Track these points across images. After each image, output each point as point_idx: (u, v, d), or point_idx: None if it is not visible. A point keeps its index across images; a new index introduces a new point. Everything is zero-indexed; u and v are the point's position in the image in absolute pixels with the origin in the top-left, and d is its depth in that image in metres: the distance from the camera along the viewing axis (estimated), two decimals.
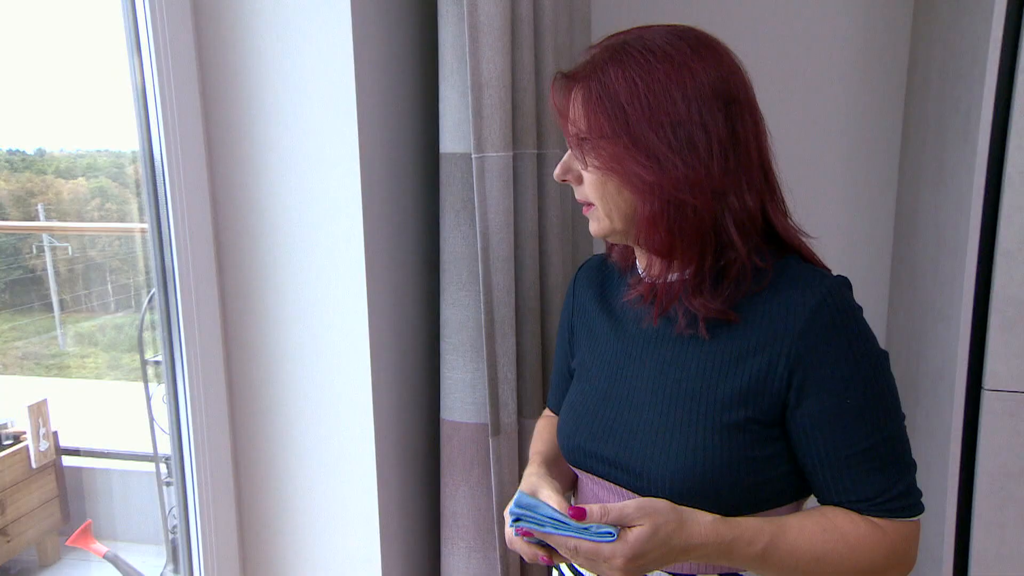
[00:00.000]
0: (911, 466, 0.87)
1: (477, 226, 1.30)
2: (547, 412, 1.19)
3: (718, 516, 0.83)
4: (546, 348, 1.48)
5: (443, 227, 1.35)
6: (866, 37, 1.75)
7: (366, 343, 1.28)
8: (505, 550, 1.40)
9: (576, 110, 0.87)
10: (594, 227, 0.93)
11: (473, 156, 1.27)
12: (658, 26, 0.88)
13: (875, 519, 0.85)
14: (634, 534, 0.77)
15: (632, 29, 0.89)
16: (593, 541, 0.76)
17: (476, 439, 1.37)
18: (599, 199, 0.89)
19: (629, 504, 0.79)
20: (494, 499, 1.37)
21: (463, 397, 1.37)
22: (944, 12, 1.49)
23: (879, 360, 0.85)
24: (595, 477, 0.95)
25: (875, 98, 1.77)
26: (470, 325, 1.34)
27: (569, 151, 0.91)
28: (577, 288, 1.08)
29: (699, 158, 0.83)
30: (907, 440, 0.87)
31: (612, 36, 0.89)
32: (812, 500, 0.92)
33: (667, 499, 0.84)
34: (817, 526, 0.84)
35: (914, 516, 0.86)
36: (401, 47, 1.37)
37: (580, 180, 0.91)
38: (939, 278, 1.46)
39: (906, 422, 0.89)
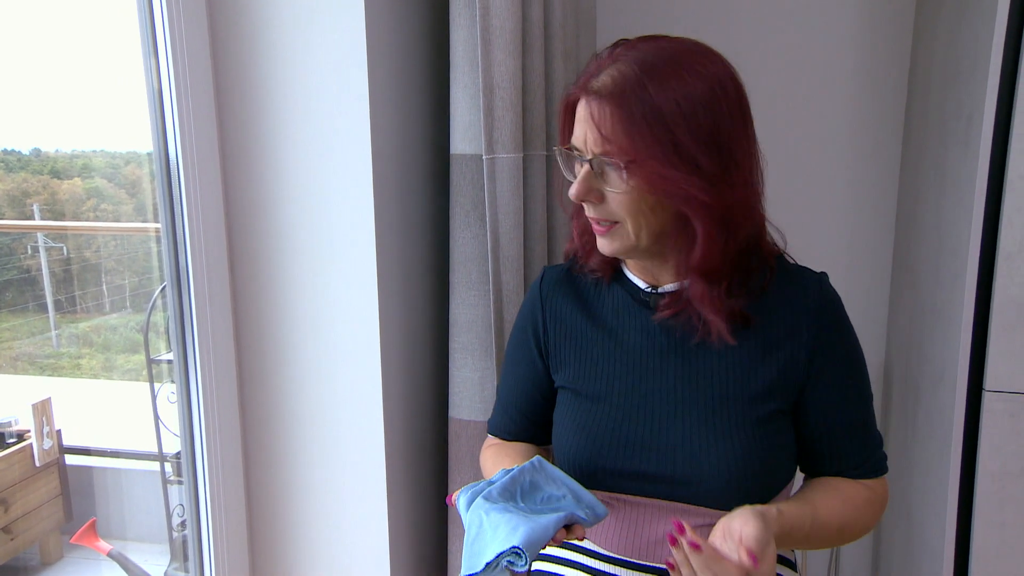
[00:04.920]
0: (880, 434, 1.00)
1: (487, 226, 1.31)
2: (492, 441, 1.13)
3: (776, 511, 0.87)
4: None
5: (453, 227, 1.36)
6: (867, 41, 1.77)
7: (376, 341, 1.29)
8: None
9: (612, 128, 0.83)
10: (615, 246, 0.90)
11: (484, 157, 1.29)
12: (664, 37, 0.86)
13: (864, 481, 0.96)
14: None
15: (641, 40, 0.87)
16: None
17: (484, 437, 1.38)
18: (631, 217, 0.86)
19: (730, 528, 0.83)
20: None
21: (471, 396, 1.38)
22: (946, 16, 1.51)
23: (860, 345, 0.97)
24: (621, 495, 0.96)
25: (876, 102, 1.79)
26: (479, 324, 1.36)
27: (585, 170, 0.87)
28: (546, 303, 1.03)
29: (742, 174, 0.84)
30: (875, 413, 0.99)
31: (622, 46, 0.86)
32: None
33: (714, 500, 0.91)
34: (835, 500, 0.93)
35: (886, 472, 1.00)
36: (413, 50, 1.39)
37: (601, 198, 0.87)
38: (940, 280, 1.48)
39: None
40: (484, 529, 0.80)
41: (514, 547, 0.77)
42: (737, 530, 0.80)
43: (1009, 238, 1.29)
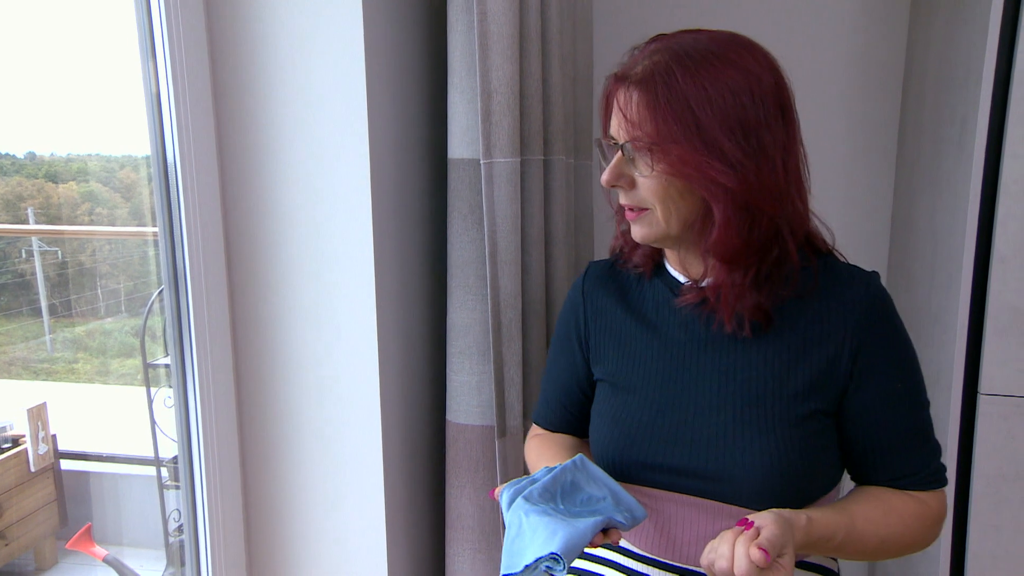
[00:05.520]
0: (938, 444, 0.95)
1: (485, 230, 1.31)
2: (537, 430, 1.14)
3: (805, 517, 0.85)
4: None
5: (451, 231, 1.36)
6: (862, 46, 1.78)
7: (374, 345, 1.29)
8: None
9: (639, 113, 0.84)
10: (644, 232, 0.90)
11: (481, 162, 1.29)
12: (705, 30, 0.88)
13: (917, 493, 0.92)
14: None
15: (678, 33, 0.88)
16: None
17: (482, 441, 1.39)
18: (660, 203, 0.87)
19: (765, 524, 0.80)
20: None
21: (469, 400, 1.38)
22: (940, 21, 1.52)
23: (914, 348, 0.93)
24: (655, 490, 0.95)
25: (871, 106, 1.80)
26: (476, 328, 1.36)
27: (617, 156, 0.88)
28: (588, 297, 1.05)
29: (769, 163, 0.84)
30: (931, 421, 0.94)
31: (658, 39, 0.88)
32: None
33: (748, 499, 0.88)
34: (878, 511, 0.89)
35: (945, 485, 0.95)
36: (410, 55, 1.39)
37: (632, 184, 0.89)
38: (935, 284, 1.49)
39: None
40: (523, 531, 0.82)
41: (552, 553, 0.79)
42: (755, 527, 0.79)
43: (1003, 242, 1.30)
